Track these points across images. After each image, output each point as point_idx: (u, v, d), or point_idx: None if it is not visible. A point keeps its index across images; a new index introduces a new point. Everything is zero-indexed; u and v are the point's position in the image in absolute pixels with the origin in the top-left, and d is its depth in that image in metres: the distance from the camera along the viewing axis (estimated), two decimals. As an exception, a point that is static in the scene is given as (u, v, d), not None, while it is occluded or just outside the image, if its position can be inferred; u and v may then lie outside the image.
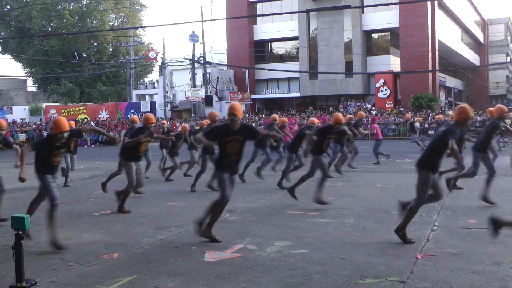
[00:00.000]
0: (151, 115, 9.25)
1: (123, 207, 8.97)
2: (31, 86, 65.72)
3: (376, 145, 16.01)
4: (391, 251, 5.97)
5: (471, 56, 59.88)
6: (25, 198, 11.12)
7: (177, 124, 36.53)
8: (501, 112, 9.24)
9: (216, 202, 6.66)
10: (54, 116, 44.17)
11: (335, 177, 13.10)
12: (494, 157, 10.85)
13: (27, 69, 61.85)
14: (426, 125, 28.71)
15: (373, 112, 38.94)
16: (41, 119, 42.71)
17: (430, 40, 42.51)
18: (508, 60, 72.05)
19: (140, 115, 44.09)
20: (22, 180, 6.86)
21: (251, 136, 7.00)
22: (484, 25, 66.95)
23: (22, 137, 37.36)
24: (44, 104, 50.10)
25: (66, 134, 6.77)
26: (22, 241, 4.76)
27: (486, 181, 8.82)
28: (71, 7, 56.91)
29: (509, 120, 15.36)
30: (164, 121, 20.07)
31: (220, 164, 6.74)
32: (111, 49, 61.85)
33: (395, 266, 5.39)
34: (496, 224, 5.79)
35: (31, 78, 63.25)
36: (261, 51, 50.10)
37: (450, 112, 36.45)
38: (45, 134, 35.03)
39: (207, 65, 44.17)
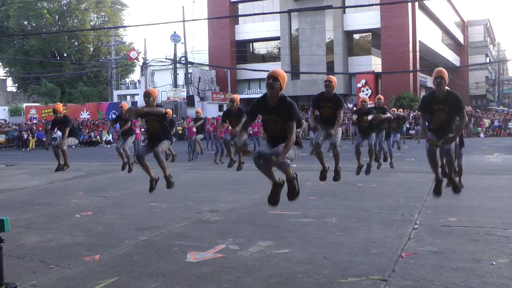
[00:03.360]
0: None
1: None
2: (10, 86, 65.02)
3: None
4: (373, 250, 6.01)
5: (451, 57, 60.51)
6: (4, 200, 11.04)
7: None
8: None
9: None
10: (35, 116, 43.80)
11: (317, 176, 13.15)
12: None
13: (7, 69, 61.14)
14: (408, 125, 28.93)
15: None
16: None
17: (411, 40, 42.88)
18: (488, 61, 72.93)
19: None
20: None
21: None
22: (464, 26, 67.70)
23: (1, 138, 36.96)
24: (24, 105, 49.59)
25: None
26: (1, 244, 4.70)
27: None
28: (50, 6, 56.32)
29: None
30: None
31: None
32: (92, 49, 61.41)
33: (377, 265, 5.42)
34: None
35: (10, 78, 62.57)
36: (243, 51, 50.10)
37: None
38: (25, 135, 34.71)
39: (188, 65, 44.05)
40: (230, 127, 10.55)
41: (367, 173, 11.52)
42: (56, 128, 11.46)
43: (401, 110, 24.08)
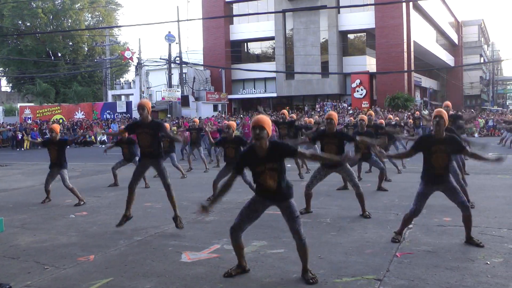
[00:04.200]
0: None
1: None
2: (5, 86, 64.88)
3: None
4: (368, 250, 6.02)
5: (446, 57, 60.70)
6: (-1, 200, 11.01)
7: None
8: None
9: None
10: (29, 116, 43.64)
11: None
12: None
13: (1, 69, 60.94)
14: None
15: (350, 112, 39.19)
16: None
17: (405, 41, 42.99)
18: (482, 61, 73.16)
19: (116, 115, 43.81)
20: None
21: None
22: (458, 26, 67.92)
23: (-5, 138, 36.79)
24: (19, 105, 49.44)
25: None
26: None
27: None
28: (45, 5, 56.14)
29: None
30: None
31: None
32: (86, 49, 61.27)
33: (371, 265, 5.43)
34: None
35: (5, 77, 62.37)
36: (237, 51, 50.10)
37: (426, 112, 36.89)
38: (19, 135, 34.57)
39: (183, 65, 44.01)
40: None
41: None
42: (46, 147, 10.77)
43: (397, 118, 24.04)
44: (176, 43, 44.52)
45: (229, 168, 9.85)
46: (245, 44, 51.46)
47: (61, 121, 42.44)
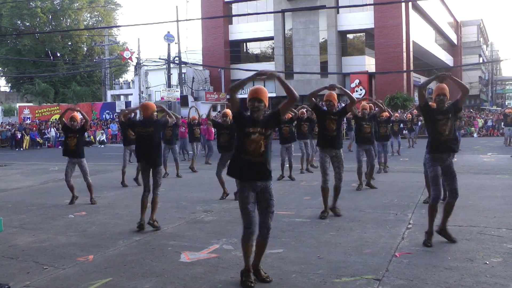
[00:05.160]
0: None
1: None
2: (4, 86, 64.87)
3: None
4: (367, 250, 6.02)
5: (445, 57, 60.69)
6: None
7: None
8: None
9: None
10: (28, 116, 43.62)
11: (310, 176, 13.19)
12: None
13: (0, 69, 60.88)
14: (401, 125, 28.85)
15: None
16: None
17: (404, 41, 42.97)
18: (481, 61, 73.21)
19: (115, 115, 43.78)
20: None
21: None
22: (457, 26, 67.95)
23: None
24: (18, 104, 49.36)
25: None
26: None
27: None
28: (43, 5, 56.11)
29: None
30: None
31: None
32: (85, 49, 61.22)
33: (370, 264, 5.43)
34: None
35: (4, 77, 62.34)
36: (236, 51, 50.06)
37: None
38: (19, 135, 34.54)
39: (182, 65, 43.96)
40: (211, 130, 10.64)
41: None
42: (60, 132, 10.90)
43: (397, 115, 24.03)
44: (175, 43, 44.45)
45: (225, 156, 9.92)
46: (244, 44, 51.43)
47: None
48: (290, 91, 5.03)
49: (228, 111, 10.21)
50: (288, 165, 12.85)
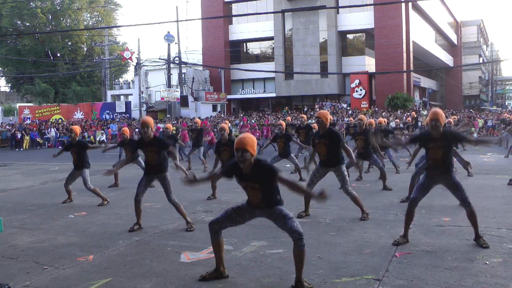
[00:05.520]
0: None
1: None
2: (4, 86, 64.87)
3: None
4: (367, 250, 6.02)
5: (445, 57, 60.71)
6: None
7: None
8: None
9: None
10: (28, 116, 43.60)
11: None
12: None
13: (0, 69, 60.87)
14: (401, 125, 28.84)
15: (349, 112, 39.22)
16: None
17: (404, 41, 43.00)
18: (481, 61, 73.20)
19: (115, 115, 43.79)
20: None
21: None
22: (457, 26, 67.96)
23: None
24: (18, 105, 49.37)
25: None
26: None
27: None
28: (44, 5, 56.10)
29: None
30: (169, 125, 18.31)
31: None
32: (85, 49, 61.22)
33: (370, 265, 5.43)
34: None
35: (4, 77, 62.33)
36: (236, 51, 50.09)
37: (425, 112, 36.92)
38: (19, 135, 34.53)
39: (182, 65, 43.99)
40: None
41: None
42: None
43: (397, 120, 24.05)
44: (175, 43, 44.50)
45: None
46: (244, 44, 51.46)
47: (60, 121, 42.36)
48: (300, 191, 5.17)
49: (224, 125, 9.99)
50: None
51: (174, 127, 26.69)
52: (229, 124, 12.18)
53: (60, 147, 34.32)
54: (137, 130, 31.86)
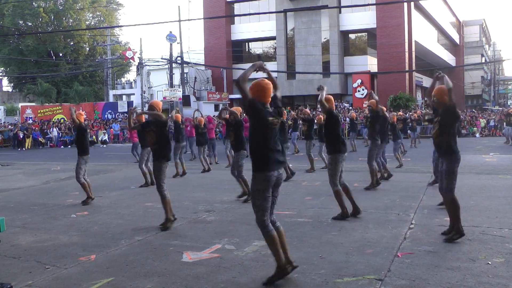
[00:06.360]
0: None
1: None
2: (6, 86, 64.83)
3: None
4: (369, 250, 6.01)
5: (447, 57, 60.64)
6: None
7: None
8: None
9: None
10: (30, 116, 43.66)
11: (312, 176, 13.19)
12: None
13: (2, 69, 60.97)
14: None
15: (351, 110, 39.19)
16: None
17: (406, 40, 42.94)
18: (483, 61, 73.12)
19: (118, 115, 43.81)
20: None
21: None
22: (459, 26, 67.87)
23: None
24: (20, 104, 49.44)
25: None
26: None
27: None
28: (46, 5, 56.16)
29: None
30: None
31: None
32: (87, 49, 61.28)
33: (372, 264, 5.42)
34: None
35: (6, 77, 62.38)
36: (238, 51, 50.10)
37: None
38: (21, 135, 34.58)
39: (184, 65, 43.99)
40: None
41: None
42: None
43: (400, 113, 24.04)
44: (178, 43, 44.46)
45: (238, 154, 9.95)
46: (246, 44, 51.45)
47: (62, 121, 42.40)
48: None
49: (238, 108, 10.64)
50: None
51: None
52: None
53: (61, 147, 34.38)
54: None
